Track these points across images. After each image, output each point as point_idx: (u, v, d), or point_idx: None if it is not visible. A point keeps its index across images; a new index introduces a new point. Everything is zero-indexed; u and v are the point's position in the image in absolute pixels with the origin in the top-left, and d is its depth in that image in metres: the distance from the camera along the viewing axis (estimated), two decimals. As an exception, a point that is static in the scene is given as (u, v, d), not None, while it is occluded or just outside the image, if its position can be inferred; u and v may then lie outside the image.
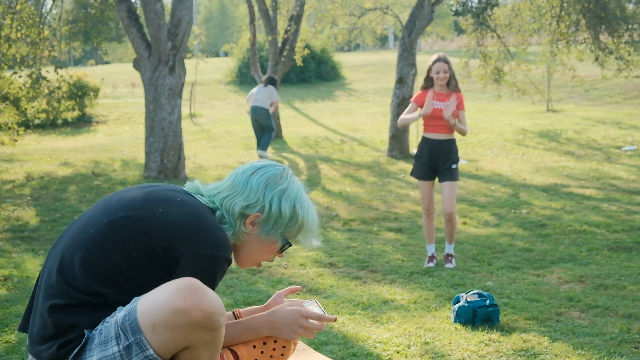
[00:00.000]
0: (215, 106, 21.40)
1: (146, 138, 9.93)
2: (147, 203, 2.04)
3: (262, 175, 2.13)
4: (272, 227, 2.12)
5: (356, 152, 13.27)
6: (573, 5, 12.11)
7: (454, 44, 37.60)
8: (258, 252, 2.18)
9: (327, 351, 3.90)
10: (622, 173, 10.66)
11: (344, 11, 16.84)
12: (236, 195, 2.11)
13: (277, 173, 2.14)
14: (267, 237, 2.14)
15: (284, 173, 2.15)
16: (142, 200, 2.05)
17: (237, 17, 46.49)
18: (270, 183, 2.12)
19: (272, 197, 2.10)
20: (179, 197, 2.08)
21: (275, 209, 2.11)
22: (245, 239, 2.14)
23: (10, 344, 4.01)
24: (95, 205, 2.14)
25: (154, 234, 1.97)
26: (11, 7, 11.01)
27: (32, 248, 6.39)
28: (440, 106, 5.82)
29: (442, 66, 5.81)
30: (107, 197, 2.15)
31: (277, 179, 2.13)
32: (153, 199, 2.05)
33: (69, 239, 2.05)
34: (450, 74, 5.84)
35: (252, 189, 2.10)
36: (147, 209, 2.02)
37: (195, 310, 1.84)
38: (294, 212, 2.13)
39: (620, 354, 3.85)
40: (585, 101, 19.82)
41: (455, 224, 5.99)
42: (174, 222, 1.99)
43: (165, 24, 9.62)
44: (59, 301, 1.96)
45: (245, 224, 2.11)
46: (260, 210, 2.10)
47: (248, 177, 2.12)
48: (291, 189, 2.14)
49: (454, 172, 5.88)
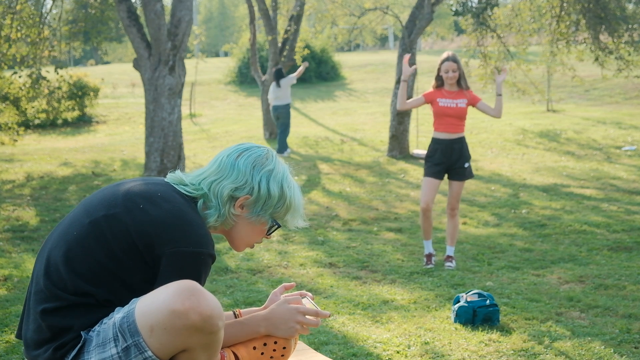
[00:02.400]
0: (215, 106, 21.39)
1: (146, 138, 9.92)
2: (128, 200, 2.02)
3: (248, 157, 2.13)
4: (262, 208, 2.12)
5: (356, 152, 13.27)
6: (573, 5, 12.11)
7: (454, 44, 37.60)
8: (249, 234, 2.18)
9: (327, 351, 3.90)
10: (622, 173, 10.66)
11: (344, 11, 16.84)
12: (224, 178, 2.10)
13: (262, 154, 2.15)
14: (256, 218, 2.14)
15: (269, 154, 2.16)
16: (122, 197, 2.04)
17: (237, 17, 46.51)
18: (258, 164, 2.12)
19: (261, 178, 2.11)
20: (159, 192, 2.06)
21: (264, 190, 2.11)
22: (234, 222, 2.14)
23: (10, 344, 4.02)
24: (78, 206, 2.13)
25: (135, 232, 1.96)
26: (11, 7, 11.01)
27: (32, 248, 6.39)
28: (450, 104, 5.84)
29: (450, 65, 5.82)
30: (88, 197, 2.14)
31: (263, 160, 2.13)
32: (133, 195, 2.04)
33: (54, 242, 2.05)
34: (460, 73, 5.85)
35: (240, 171, 2.10)
36: (128, 207, 2.00)
37: (194, 313, 1.84)
38: (282, 192, 2.13)
39: (620, 354, 3.85)
40: (585, 101, 19.82)
41: (457, 223, 6.00)
42: (153, 219, 1.98)
43: (165, 24, 9.62)
44: (50, 305, 1.96)
45: (234, 207, 2.11)
46: (249, 192, 2.10)
47: (234, 159, 2.12)
48: (278, 170, 2.15)
49: (465, 171, 5.92)
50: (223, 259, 6.10)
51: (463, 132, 5.93)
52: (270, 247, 6.53)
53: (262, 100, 14.19)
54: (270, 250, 6.42)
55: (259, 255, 6.23)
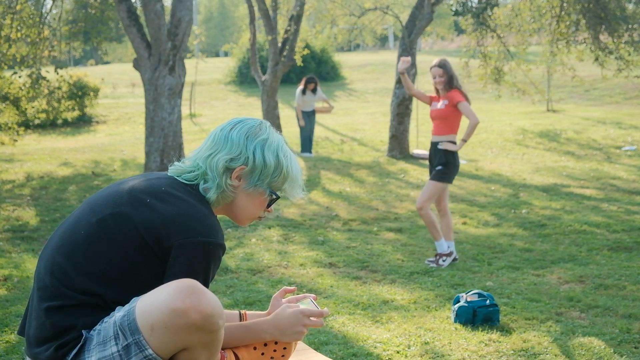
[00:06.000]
0: (215, 106, 21.39)
1: (146, 138, 9.92)
2: (133, 197, 2.03)
3: (241, 128, 2.13)
4: (259, 178, 2.12)
5: (356, 152, 13.27)
6: (573, 5, 12.11)
7: (454, 44, 37.60)
8: (249, 207, 2.17)
9: (327, 351, 3.90)
10: (622, 173, 10.66)
11: (344, 11, 16.83)
12: (218, 151, 2.10)
13: (255, 125, 2.15)
14: (254, 189, 2.14)
15: (262, 125, 2.16)
16: (127, 195, 2.04)
17: (237, 17, 46.52)
18: (251, 134, 2.12)
19: (255, 148, 2.11)
20: (163, 186, 2.06)
21: (259, 159, 2.11)
22: (233, 195, 2.13)
23: (10, 344, 4.01)
24: (82, 205, 2.13)
25: (143, 228, 1.97)
26: (11, 7, 11.01)
27: (32, 248, 6.39)
28: (434, 107, 6.10)
29: (436, 71, 6.02)
30: (92, 196, 2.14)
31: (256, 131, 2.14)
32: (138, 192, 2.04)
33: (59, 240, 2.04)
34: (447, 77, 5.94)
35: (234, 142, 2.10)
36: (134, 203, 2.01)
37: (194, 311, 1.84)
38: (277, 161, 2.13)
39: (620, 354, 3.85)
40: (585, 101, 19.82)
41: (427, 221, 6.02)
42: (160, 213, 1.98)
43: (165, 24, 9.62)
44: (55, 302, 1.96)
45: (231, 178, 2.10)
46: (244, 162, 2.10)
47: (228, 132, 2.12)
48: (272, 139, 2.15)
49: (437, 173, 6.01)
50: (223, 259, 6.10)
51: (449, 134, 6.02)
52: (270, 247, 6.53)
53: (262, 100, 14.18)
54: (270, 250, 6.42)
55: (259, 255, 6.23)
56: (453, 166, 6.01)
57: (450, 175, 6.00)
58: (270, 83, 13.91)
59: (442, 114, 6.00)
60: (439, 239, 6.01)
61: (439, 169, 6.00)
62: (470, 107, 5.96)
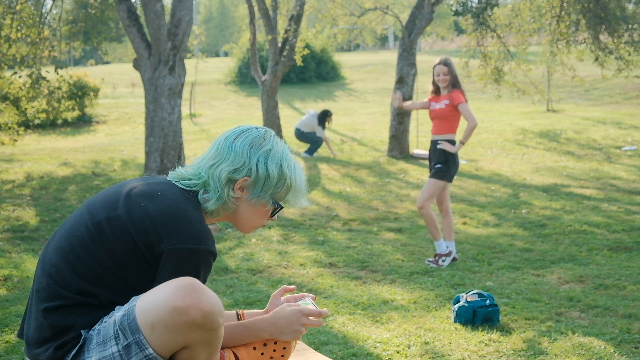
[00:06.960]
0: (215, 106, 21.39)
1: (146, 138, 9.92)
2: (129, 201, 2.02)
3: (245, 138, 2.11)
4: (262, 189, 2.11)
5: (356, 152, 13.27)
6: (573, 5, 12.11)
7: (454, 44, 37.61)
8: (252, 217, 2.16)
9: (327, 351, 3.90)
10: (622, 173, 10.66)
11: (344, 11, 16.83)
12: (221, 162, 2.08)
13: (259, 135, 2.12)
14: (257, 200, 2.12)
15: (266, 135, 2.14)
16: (124, 199, 2.03)
17: (237, 17, 46.52)
18: (255, 145, 2.10)
19: (258, 159, 2.09)
20: (160, 191, 2.05)
21: (263, 171, 2.09)
22: (236, 206, 2.12)
23: (10, 344, 4.02)
24: (81, 207, 2.13)
25: (135, 232, 1.96)
26: (11, 7, 11.01)
27: (32, 248, 6.39)
28: (434, 107, 6.11)
29: (441, 69, 6.01)
30: (91, 198, 2.14)
31: (260, 141, 2.11)
32: (135, 196, 2.03)
33: (57, 242, 2.05)
34: (451, 78, 5.96)
35: (237, 153, 2.08)
36: (128, 208, 2.00)
37: (194, 309, 1.84)
38: (281, 172, 2.11)
39: (620, 354, 3.85)
40: (585, 101, 19.82)
41: (428, 220, 6.03)
42: (152, 217, 1.97)
43: (165, 24, 9.61)
44: (52, 303, 1.96)
45: (234, 189, 2.09)
46: (247, 173, 2.08)
47: (231, 142, 2.10)
48: (276, 150, 2.12)
49: (437, 171, 6.03)
50: (223, 259, 6.10)
51: (449, 134, 6.06)
52: (270, 247, 6.53)
53: (262, 100, 14.18)
54: (270, 250, 6.42)
55: (259, 255, 6.23)
56: (452, 164, 6.02)
57: (449, 173, 6.01)
58: (270, 83, 13.91)
59: (442, 113, 6.02)
60: (439, 239, 6.02)
61: (438, 167, 6.01)
62: (470, 109, 5.99)
